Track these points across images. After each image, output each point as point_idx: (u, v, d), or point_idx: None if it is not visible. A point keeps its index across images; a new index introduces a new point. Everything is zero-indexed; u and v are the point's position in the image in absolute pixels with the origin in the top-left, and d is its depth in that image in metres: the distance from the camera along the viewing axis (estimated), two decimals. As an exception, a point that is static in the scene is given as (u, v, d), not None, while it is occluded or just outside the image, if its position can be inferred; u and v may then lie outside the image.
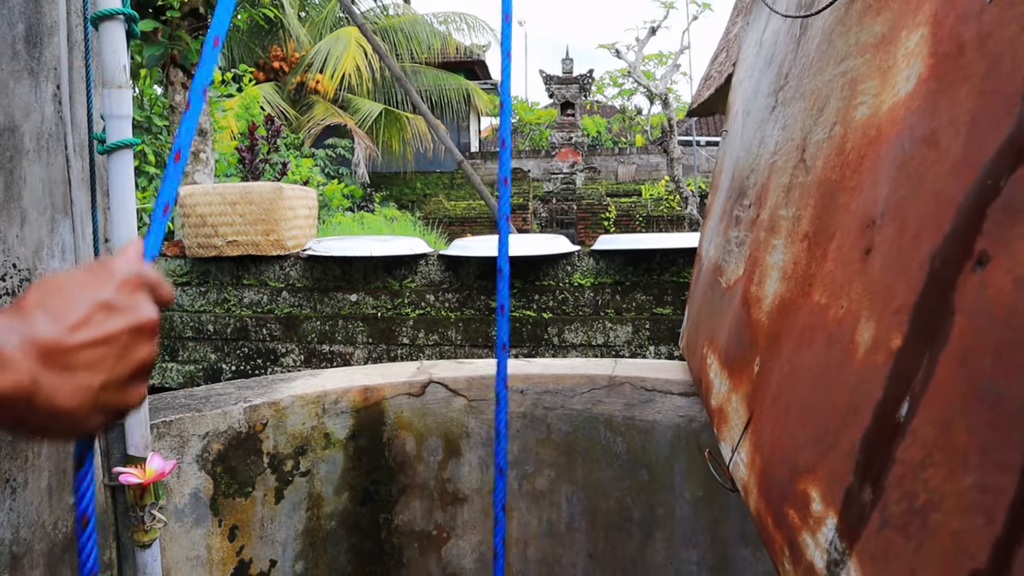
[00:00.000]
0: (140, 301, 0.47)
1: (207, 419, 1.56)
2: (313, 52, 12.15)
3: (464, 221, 12.47)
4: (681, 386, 1.73)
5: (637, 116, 17.55)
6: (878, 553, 0.56)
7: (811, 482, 0.71)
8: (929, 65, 0.67)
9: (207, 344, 3.20)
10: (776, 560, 0.78)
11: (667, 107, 10.73)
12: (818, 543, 0.66)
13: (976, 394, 0.48)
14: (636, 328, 2.81)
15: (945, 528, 0.48)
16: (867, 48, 0.86)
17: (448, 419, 1.82)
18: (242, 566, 1.61)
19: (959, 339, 0.52)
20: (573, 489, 1.78)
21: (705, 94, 4.15)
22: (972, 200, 0.54)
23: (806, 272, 0.90)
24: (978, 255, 0.52)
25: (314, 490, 1.73)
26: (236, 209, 2.94)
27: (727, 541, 1.66)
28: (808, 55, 1.13)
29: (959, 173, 0.57)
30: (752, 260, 1.20)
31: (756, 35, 1.70)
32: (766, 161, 1.27)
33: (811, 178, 0.97)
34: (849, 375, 0.68)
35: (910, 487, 0.53)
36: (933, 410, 0.53)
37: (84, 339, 0.43)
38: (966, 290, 0.52)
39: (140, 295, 0.47)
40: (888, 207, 0.69)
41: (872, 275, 0.69)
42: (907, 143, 0.68)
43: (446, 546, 1.82)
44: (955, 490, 0.48)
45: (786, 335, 0.92)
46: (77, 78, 1.29)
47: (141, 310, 0.47)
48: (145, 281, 0.48)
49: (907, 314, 0.60)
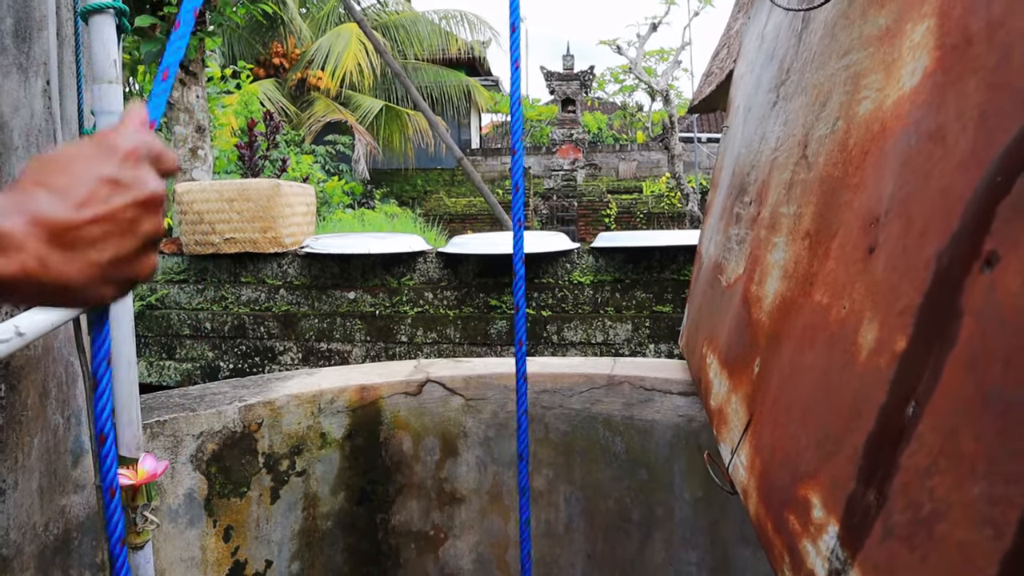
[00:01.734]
0: (145, 174, 0.46)
1: (201, 419, 1.54)
2: (314, 48, 12.12)
3: (465, 218, 12.44)
4: (680, 385, 1.71)
5: (638, 112, 17.50)
6: (881, 563, 0.54)
7: (812, 487, 0.69)
8: (936, 58, 0.65)
9: (204, 342, 3.18)
10: (776, 566, 0.76)
11: (668, 103, 10.68)
12: (819, 551, 0.65)
13: (984, 400, 0.46)
14: (636, 326, 2.79)
15: (951, 540, 0.46)
16: (871, 41, 0.84)
17: (445, 418, 1.80)
18: (237, 567, 1.60)
19: (967, 342, 0.50)
20: (571, 489, 1.76)
21: (706, 90, 4.11)
22: (980, 198, 0.52)
23: (808, 271, 0.88)
24: (987, 255, 0.50)
25: (310, 490, 1.71)
26: (233, 206, 2.92)
27: (727, 542, 1.64)
28: (810, 49, 1.10)
29: (967, 169, 0.55)
30: (753, 258, 1.18)
31: (757, 29, 1.68)
32: (767, 157, 1.25)
33: (813, 175, 0.95)
34: (852, 378, 0.66)
35: (915, 496, 0.51)
36: (939, 416, 0.51)
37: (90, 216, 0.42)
38: (974, 291, 0.50)
39: (144, 167, 0.46)
40: (893, 204, 0.67)
41: (876, 274, 0.67)
42: (912, 138, 0.66)
43: (443, 546, 1.80)
44: (962, 500, 0.46)
45: (787, 335, 0.90)
46: (67, 73, 1.27)
47: (147, 183, 0.45)
48: (149, 152, 0.47)
49: (912, 315, 0.58)
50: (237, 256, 3.13)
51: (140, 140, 0.47)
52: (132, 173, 0.45)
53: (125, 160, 0.45)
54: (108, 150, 0.45)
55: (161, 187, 0.47)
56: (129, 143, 0.46)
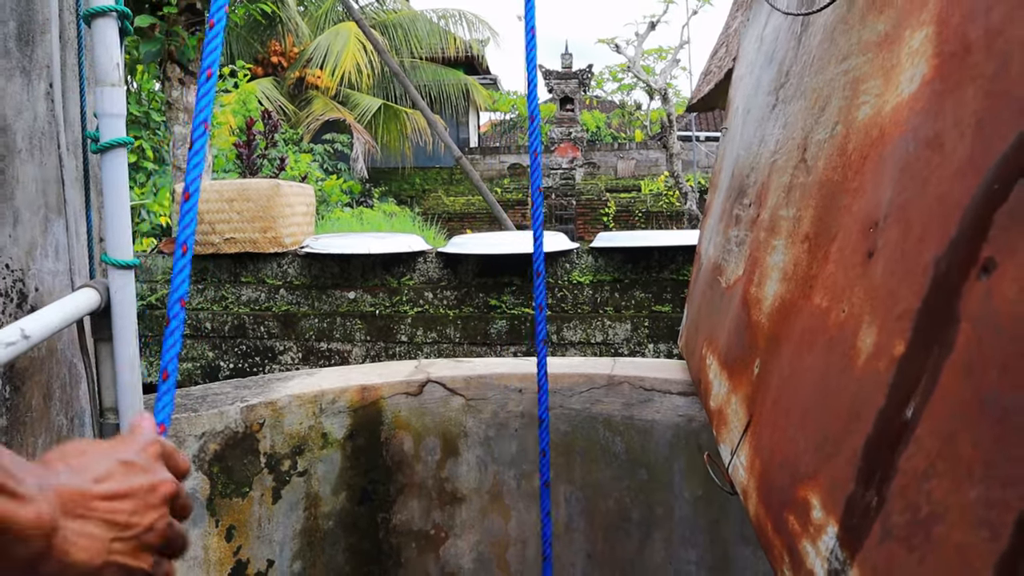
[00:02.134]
0: (158, 465, 0.50)
1: (203, 419, 1.55)
2: (312, 47, 12.11)
3: (463, 217, 12.44)
4: (680, 385, 1.72)
5: (636, 111, 17.49)
6: (880, 564, 0.55)
7: (812, 489, 0.70)
8: (934, 65, 0.66)
9: (205, 342, 3.19)
10: (776, 566, 0.77)
11: (667, 102, 10.68)
12: (819, 551, 0.65)
13: (981, 406, 0.47)
14: (635, 326, 2.79)
15: (949, 542, 0.47)
16: (870, 47, 0.85)
17: (446, 418, 1.81)
18: (239, 566, 1.60)
19: (964, 348, 0.51)
20: (571, 489, 1.77)
21: (704, 89, 4.12)
22: (978, 205, 0.53)
23: (807, 274, 0.89)
24: (984, 262, 0.51)
25: (311, 490, 1.72)
26: (233, 206, 2.92)
27: (727, 541, 1.65)
28: (809, 53, 1.11)
29: (964, 176, 0.56)
30: (752, 260, 1.18)
31: (757, 31, 1.69)
32: (766, 160, 1.25)
33: (812, 178, 0.96)
34: (850, 381, 0.67)
35: (913, 498, 0.52)
36: (937, 420, 0.52)
37: (105, 490, 0.45)
38: (971, 298, 0.51)
39: (158, 461, 0.50)
40: (891, 210, 0.68)
41: (874, 279, 0.68)
42: (911, 144, 0.67)
43: (444, 546, 1.81)
44: (960, 503, 0.47)
45: (786, 338, 0.91)
46: (70, 76, 1.28)
47: (160, 472, 0.49)
48: (163, 449, 0.51)
49: (910, 320, 0.59)
50: (237, 256, 3.13)
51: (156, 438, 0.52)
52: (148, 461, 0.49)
53: (142, 450, 0.50)
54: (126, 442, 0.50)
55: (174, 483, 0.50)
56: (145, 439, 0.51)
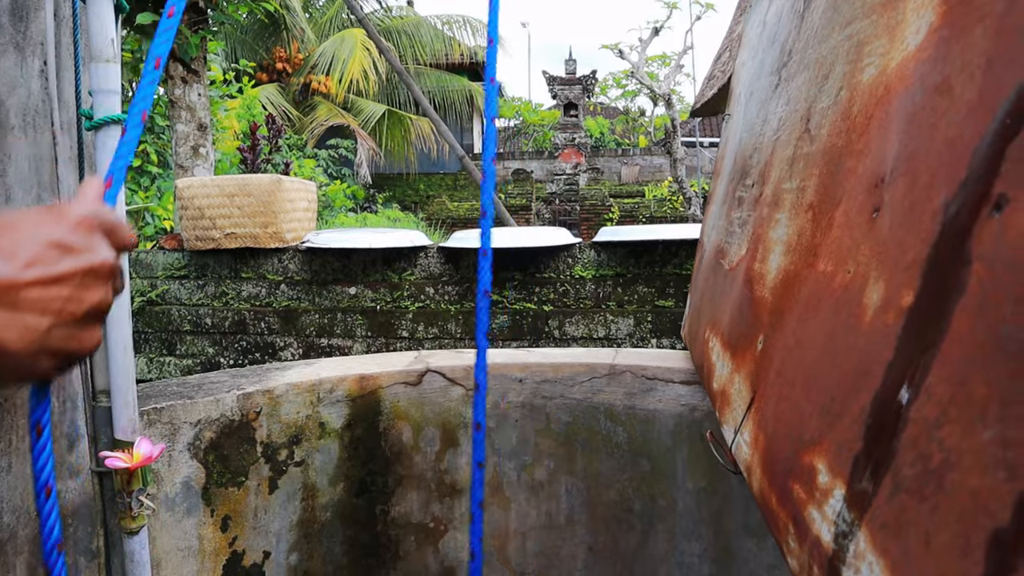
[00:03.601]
0: (96, 243, 0.45)
1: (199, 406, 1.53)
2: (317, 54, 12.16)
3: (467, 222, 12.45)
4: (683, 375, 1.69)
5: (640, 117, 17.51)
6: (890, 520, 0.52)
7: (817, 454, 0.68)
8: (940, 13, 0.64)
9: (205, 338, 3.17)
10: (780, 538, 0.74)
11: (670, 108, 10.69)
12: (825, 516, 0.63)
13: (995, 342, 0.45)
14: (638, 321, 2.77)
15: (963, 487, 0.44)
16: (874, 8, 0.83)
17: (446, 409, 1.79)
18: (235, 557, 1.58)
19: (977, 288, 0.48)
20: (573, 480, 1.75)
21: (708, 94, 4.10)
22: (989, 142, 0.51)
23: (811, 242, 0.87)
24: (996, 198, 0.48)
25: (309, 480, 1.69)
26: (234, 201, 2.91)
27: (730, 532, 1.62)
28: (813, 26, 1.09)
29: (974, 117, 0.54)
30: (755, 238, 1.16)
31: (759, 16, 1.67)
32: (769, 138, 1.23)
33: (816, 147, 0.93)
34: (857, 339, 0.65)
35: (924, 448, 0.50)
36: (949, 366, 0.50)
37: (34, 277, 0.41)
38: (983, 237, 0.49)
39: (96, 237, 0.46)
40: (898, 163, 0.66)
41: (881, 234, 0.66)
42: (918, 95, 0.65)
43: (443, 538, 1.78)
44: (973, 446, 0.44)
45: (790, 308, 0.88)
46: (65, 54, 1.27)
47: (96, 251, 0.45)
48: (102, 223, 0.46)
49: (919, 269, 0.56)
50: (238, 251, 3.12)
51: (93, 209, 0.46)
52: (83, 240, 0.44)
53: (77, 227, 0.45)
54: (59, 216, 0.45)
55: (112, 257, 0.46)
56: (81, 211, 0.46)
